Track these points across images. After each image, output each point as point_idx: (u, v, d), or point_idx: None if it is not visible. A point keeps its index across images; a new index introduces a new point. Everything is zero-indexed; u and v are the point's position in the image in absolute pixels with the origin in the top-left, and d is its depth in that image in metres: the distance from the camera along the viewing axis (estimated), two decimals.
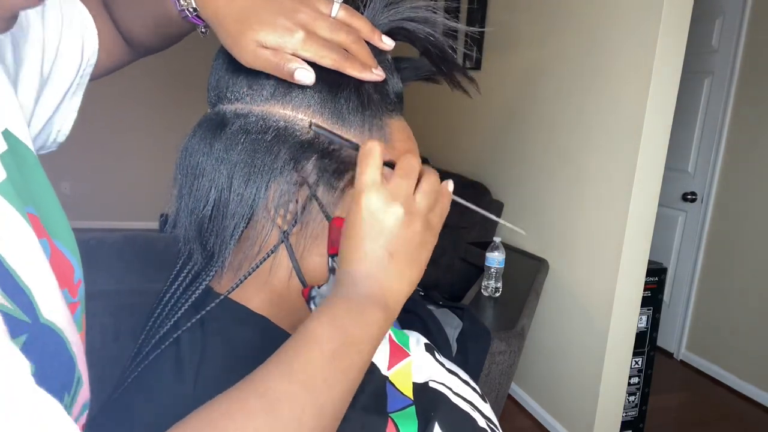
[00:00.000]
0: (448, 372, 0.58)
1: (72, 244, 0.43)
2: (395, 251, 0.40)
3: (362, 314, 0.38)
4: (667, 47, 1.80)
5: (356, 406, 0.45)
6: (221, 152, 0.44)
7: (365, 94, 0.46)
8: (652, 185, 1.92)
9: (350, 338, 0.37)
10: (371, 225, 0.40)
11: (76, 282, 0.43)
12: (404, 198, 0.41)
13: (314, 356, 0.35)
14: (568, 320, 2.23)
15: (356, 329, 0.37)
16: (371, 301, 0.39)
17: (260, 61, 0.43)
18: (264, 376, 0.34)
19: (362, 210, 0.40)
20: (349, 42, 0.44)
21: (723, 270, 2.91)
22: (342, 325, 0.37)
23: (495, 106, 2.74)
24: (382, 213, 0.40)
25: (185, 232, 0.47)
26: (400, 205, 0.40)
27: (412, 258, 0.41)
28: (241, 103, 0.45)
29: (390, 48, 0.47)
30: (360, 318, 0.38)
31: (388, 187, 0.40)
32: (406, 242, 0.41)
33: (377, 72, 0.45)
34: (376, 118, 0.46)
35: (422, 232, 0.42)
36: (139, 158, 4.90)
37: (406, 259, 0.41)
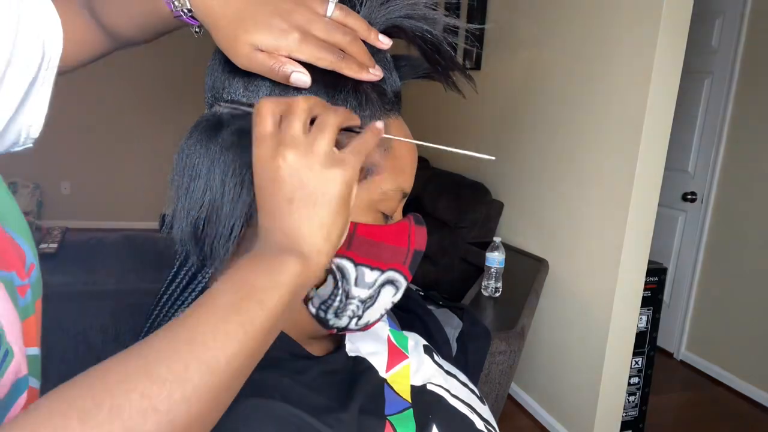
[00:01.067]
0: (447, 374, 0.58)
1: (24, 231, 0.44)
2: (292, 196, 0.39)
3: (268, 264, 0.37)
4: (667, 47, 1.80)
5: (353, 409, 0.45)
6: (217, 153, 0.44)
7: (363, 94, 0.45)
8: (652, 185, 1.92)
9: (251, 290, 0.35)
10: (261, 176, 0.40)
11: (29, 265, 0.43)
12: (289, 141, 0.39)
13: (203, 311, 0.34)
14: (568, 320, 2.23)
15: (259, 279, 0.36)
16: (278, 249, 0.38)
17: (255, 64, 0.42)
18: (152, 338, 0.33)
19: (255, 165, 0.40)
20: (346, 42, 0.43)
21: (723, 270, 2.91)
22: (242, 278, 0.36)
23: (495, 105, 2.74)
24: (269, 161, 0.39)
25: (181, 233, 0.47)
26: (285, 148, 0.38)
27: (315, 198, 0.39)
28: (237, 104, 0.45)
29: (387, 46, 0.46)
30: (265, 268, 0.37)
31: (277, 135, 0.39)
32: (301, 184, 0.39)
33: (375, 72, 0.44)
34: (374, 119, 0.46)
35: (321, 169, 0.39)
36: (139, 158, 4.90)
37: (307, 200, 0.39)
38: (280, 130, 0.39)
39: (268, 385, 0.41)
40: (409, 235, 0.49)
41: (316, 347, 0.52)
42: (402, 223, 0.49)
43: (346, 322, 0.48)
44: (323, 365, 0.49)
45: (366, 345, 0.55)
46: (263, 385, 0.41)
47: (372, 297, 0.48)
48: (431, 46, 0.47)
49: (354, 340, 0.55)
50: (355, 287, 0.46)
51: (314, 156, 0.39)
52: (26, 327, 0.42)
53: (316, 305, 0.47)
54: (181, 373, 0.31)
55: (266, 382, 0.42)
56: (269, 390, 0.41)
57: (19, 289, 0.41)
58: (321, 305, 0.47)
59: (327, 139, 0.39)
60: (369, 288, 0.47)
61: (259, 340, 0.35)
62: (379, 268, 0.47)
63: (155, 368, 0.31)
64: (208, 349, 0.32)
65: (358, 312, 0.48)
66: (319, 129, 0.40)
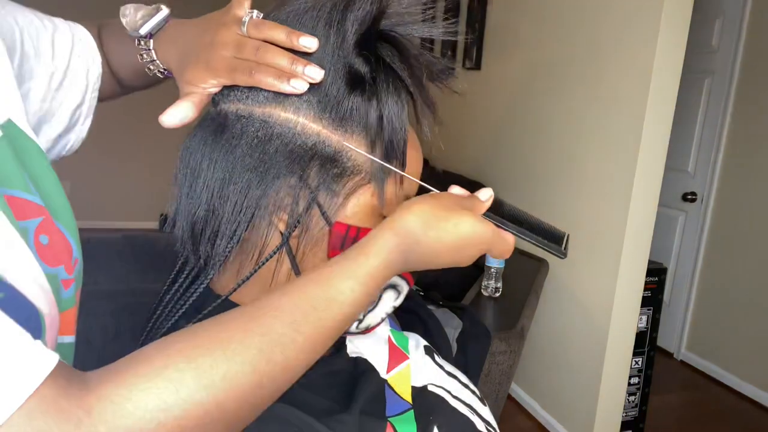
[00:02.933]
0: (448, 375, 0.58)
1: (72, 227, 0.45)
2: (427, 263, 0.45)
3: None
4: (667, 47, 1.80)
5: (354, 410, 0.44)
6: (221, 155, 0.44)
7: (375, 94, 0.45)
8: (652, 185, 1.92)
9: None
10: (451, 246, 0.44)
11: (74, 261, 0.45)
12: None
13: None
14: (568, 320, 2.23)
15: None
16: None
17: (200, 101, 0.46)
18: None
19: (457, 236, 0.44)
20: (256, 57, 0.43)
21: (723, 270, 2.90)
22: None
23: (495, 106, 2.74)
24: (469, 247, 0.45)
25: (182, 233, 0.46)
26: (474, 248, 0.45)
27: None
28: (242, 103, 0.45)
29: (310, 49, 0.43)
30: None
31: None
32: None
33: (295, 83, 0.42)
34: (392, 121, 0.45)
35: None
36: (139, 158, 4.90)
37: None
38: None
39: None
40: None
41: None
42: None
43: None
44: (324, 366, 0.48)
45: (367, 346, 0.55)
46: None
47: (373, 301, 0.47)
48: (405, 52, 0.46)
49: (355, 340, 0.55)
50: None
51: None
52: (66, 317, 0.43)
53: None
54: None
55: None
56: None
57: (64, 283, 0.43)
58: None
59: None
60: None
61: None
62: None
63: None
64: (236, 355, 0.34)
65: (359, 315, 0.47)
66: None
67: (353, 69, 0.44)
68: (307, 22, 0.44)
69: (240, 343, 0.34)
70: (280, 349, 0.35)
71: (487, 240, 0.44)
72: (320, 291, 0.38)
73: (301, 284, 0.39)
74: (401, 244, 0.41)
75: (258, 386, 0.34)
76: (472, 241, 0.44)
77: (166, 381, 0.31)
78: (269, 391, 0.36)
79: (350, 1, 0.44)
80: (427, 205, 0.43)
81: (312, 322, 0.37)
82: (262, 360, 0.34)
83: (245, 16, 0.45)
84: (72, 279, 0.44)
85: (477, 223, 0.44)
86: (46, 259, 0.41)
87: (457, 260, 0.45)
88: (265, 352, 0.35)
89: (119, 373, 0.31)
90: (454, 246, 0.43)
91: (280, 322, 0.36)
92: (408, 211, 0.42)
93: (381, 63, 0.45)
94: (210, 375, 0.32)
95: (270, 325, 0.35)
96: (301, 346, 0.36)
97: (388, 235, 0.41)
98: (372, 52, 0.44)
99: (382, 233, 0.42)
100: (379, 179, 0.46)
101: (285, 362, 0.36)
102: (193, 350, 0.33)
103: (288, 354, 0.36)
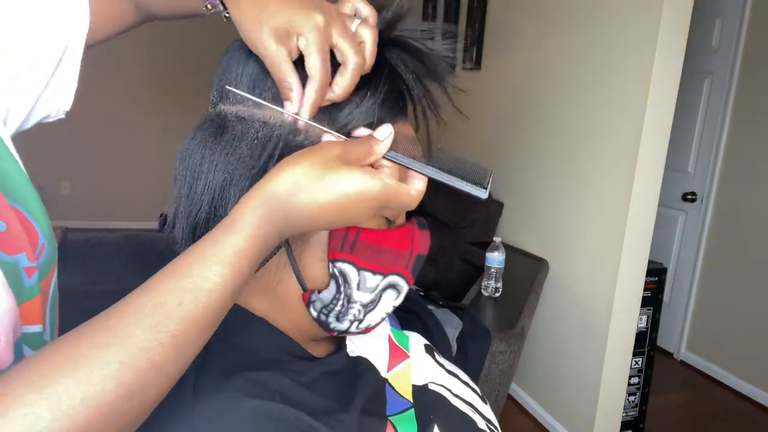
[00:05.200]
0: (448, 373, 0.58)
1: (38, 211, 0.44)
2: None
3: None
4: (667, 47, 1.80)
5: (355, 410, 0.44)
6: (220, 156, 0.44)
7: (370, 100, 0.45)
8: (652, 185, 1.92)
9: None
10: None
11: (40, 246, 0.43)
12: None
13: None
14: (568, 320, 2.23)
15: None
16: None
17: (267, 52, 0.42)
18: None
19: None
20: (351, 53, 0.42)
21: (723, 270, 2.90)
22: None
23: (495, 105, 2.74)
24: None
25: (182, 234, 0.46)
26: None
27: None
28: (243, 105, 0.45)
29: (340, 99, 0.44)
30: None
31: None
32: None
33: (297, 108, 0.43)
34: (381, 125, 0.46)
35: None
36: (139, 158, 4.90)
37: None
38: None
39: (269, 387, 0.41)
40: (412, 239, 0.49)
41: (316, 348, 0.51)
42: (405, 228, 0.49)
43: (347, 326, 0.48)
44: (324, 366, 0.48)
45: (367, 345, 0.55)
46: (264, 386, 0.41)
47: (374, 301, 0.47)
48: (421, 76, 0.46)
49: (355, 340, 0.55)
50: (357, 291, 0.46)
51: None
52: (28, 308, 0.42)
53: (318, 309, 0.47)
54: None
55: (267, 383, 0.42)
56: (269, 391, 0.41)
57: (27, 271, 0.42)
58: (323, 309, 0.47)
59: None
60: (371, 292, 0.47)
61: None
62: (381, 273, 0.47)
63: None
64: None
65: (360, 316, 0.48)
66: None
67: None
68: None
69: (95, 361, 0.31)
70: (146, 356, 0.32)
71: (375, 195, 0.40)
72: (184, 283, 0.35)
73: (161, 279, 0.35)
74: (272, 214, 0.38)
75: (127, 398, 0.32)
76: (356, 198, 0.39)
77: (21, 417, 0.28)
78: (144, 399, 0.33)
79: None
80: (299, 164, 0.39)
81: (178, 319, 0.34)
82: (127, 372, 0.32)
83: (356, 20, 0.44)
84: (35, 267, 0.43)
85: (360, 177, 0.39)
86: (2, 246, 0.40)
87: (346, 220, 0.40)
88: (128, 363, 0.32)
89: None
90: (335, 206, 0.39)
91: (141, 328, 0.33)
92: (276, 175, 0.39)
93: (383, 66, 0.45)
94: (67, 402, 0.30)
95: (129, 333, 0.32)
96: (171, 347, 0.33)
97: (253, 206, 0.38)
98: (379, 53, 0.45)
99: (247, 204, 0.38)
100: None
101: (155, 367, 0.33)
102: (43, 378, 0.30)
103: (156, 358, 0.33)
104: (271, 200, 0.38)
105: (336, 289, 0.46)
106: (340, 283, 0.46)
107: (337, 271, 0.46)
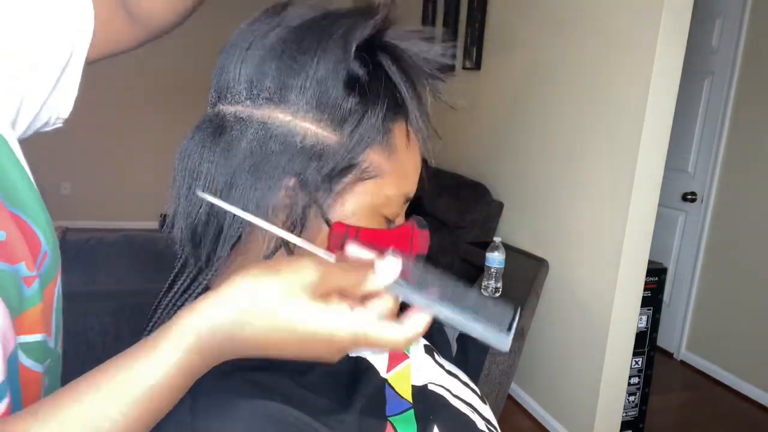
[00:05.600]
0: (448, 374, 0.58)
1: (41, 219, 0.44)
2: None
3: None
4: (667, 48, 1.80)
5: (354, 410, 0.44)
6: (219, 157, 0.44)
7: (370, 97, 0.45)
8: (652, 185, 1.92)
9: None
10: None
11: (42, 254, 0.43)
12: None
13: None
14: (568, 320, 2.23)
15: None
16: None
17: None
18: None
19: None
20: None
21: (723, 270, 2.91)
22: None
23: (495, 105, 2.74)
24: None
25: (181, 234, 0.47)
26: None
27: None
28: (241, 105, 0.45)
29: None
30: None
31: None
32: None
33: None
34: (379, 124, 0.45)
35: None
36: (139, 158, 4.90)
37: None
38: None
39: (268, 387, 0.41)
40: (411, 239, 0.49)
41: None
42: (404, 228, 0.49)
43: None
44: (324, 366, 0.48)
45: None
46: (263, 386, 0.41)
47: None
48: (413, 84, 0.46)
49: None
50: None
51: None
52: (28, 317, 0.42)
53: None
54: None
55: (266, 383, 0.42)
56: (269, 391, 0.41)
57: (26, 280, 0.41)
58: None
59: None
60: None
61: None
62: None
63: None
64: None
65: None
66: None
67: (351, 72, 0.44)
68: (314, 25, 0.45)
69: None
70: None
71: (347, 341, 0.35)
72: (86, 414, 0.31)
73: (68, 398, 0.32)
74: (207, 342, 0.33)
75: None
76: (316, 341, 0.34)
77: None
78: None
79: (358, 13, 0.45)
80: (251, 288, 0.34)
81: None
82: None
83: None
84: (35, 276, 0.42)
85: (328, 322, 0.34)
86: (2, 256, 0.39)
87: (309, 356, 0.36)
88: None
89: None
90: (287, 346, 0.34)
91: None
92: (220, 297, 0.34)
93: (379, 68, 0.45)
94: None
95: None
96: None
97: (186, 331, 0.33)
98: (371, 57, 0.45)
99: (179, 326, 0.33)
100: (373, 176, 0.46)
101: None
102: None
103: None
104: (206, 329, 0.33)
105: None
106: None
107: None
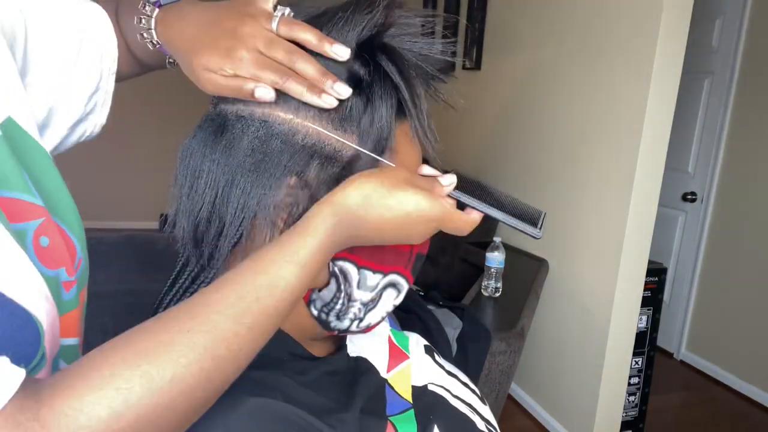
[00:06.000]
0: (448, 374, 0.58)
1: (77, 226, 0.45)
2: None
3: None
4: (667, 48, 1.80)
5: (355, 409, 0.44)
6: (221, 155, 0.44)
7: (370, 98, 0.45)
8: (652, 185, 1.92)
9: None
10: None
11: (77, 262, 0.44)
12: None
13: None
14: (568, 320, 2.23)
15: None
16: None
17: (217, 87, 0.43)
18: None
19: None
20: (288, 61, 0.42)
21: (723, 270, 2.91)
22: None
23: (495, 106, 2.74)
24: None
25: (183, 233, 0.47)
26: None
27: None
28: (242, 104, 0.45)
29: (343, 58, 0.43)
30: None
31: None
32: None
33: (326, 99, 0.42)
34: (381, 123, 0.45)
35: None
36: (139, 158, 4.90)
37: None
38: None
39: (270, 385, 0.41)
40: None
41: (317, 348, 0.52)
42: None
43: (347, 325, 0.48)
44: (324, 366, 0.48)
45: (367, 345, 0.55)
46: (264, 385, 0.41)
47: (374, 300, 0.48)
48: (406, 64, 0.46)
49: (355, 340, 0.55)
50: (358, 290, 0.46)
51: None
52: (67, 320, 0.43)
53: (318, 308, 0.47)
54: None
55: (267, 382, 0.42)
56: (271, 390, 0.41)
57: (65, 285, 0.42)
58: (323, 308, 0.47)
59: None
60: (371, 291, 0.47)
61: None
62: (382, 271, 0.47)
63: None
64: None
65: (360, 314, 0.48)
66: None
67: (352, 71, 0.44)
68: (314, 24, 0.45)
69: (184, 345, 0.34)
70: (225, 345, 0.35)
71: (435, 217, 0.43)
72: (261, 279, 0.38)
73: (241, 274, 0.38)
74: (341, 222, 0.40)
75: (207, 381, 0.35)
76: (417, 217, 0.42)
77: (115, 390, 0.31)
78: (218, 384, 0.36)
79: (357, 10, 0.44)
80: (369, 181, 0.41)
81: (255, 313, 0.37)
82: (208, 357, 0.35)
83: (277, 11, 0.44)
84: (74, 281, 0.44)
85: (423, 200, 0.42)
86: (45, 261, 0.40)
87: (405, 237, 0.43)
88: (210, 349, 0.35)
89: (70, 384, 0.31)
90: (397, 223, 0.42)
91: (223, 317, 0.36)
92: (348, 188, 0.41)
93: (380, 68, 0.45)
94: (158, 380, 0.33)
95: (213, 322, 0.35)
96: (246, 337, 0.36)
97: (326, 214, 0.40)
98: (371, 57, 0.45)
99: (320, 212, 0.40)
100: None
101: (231, 355, 0.36)
102: (137, 357, 0.33)
103: (233, 347, 0.36)
104: (341, 211, 0.40)
105: (336, 288, 0.46)
106: (340, 281, 0.46)
107: (338, 270, 0.46)
